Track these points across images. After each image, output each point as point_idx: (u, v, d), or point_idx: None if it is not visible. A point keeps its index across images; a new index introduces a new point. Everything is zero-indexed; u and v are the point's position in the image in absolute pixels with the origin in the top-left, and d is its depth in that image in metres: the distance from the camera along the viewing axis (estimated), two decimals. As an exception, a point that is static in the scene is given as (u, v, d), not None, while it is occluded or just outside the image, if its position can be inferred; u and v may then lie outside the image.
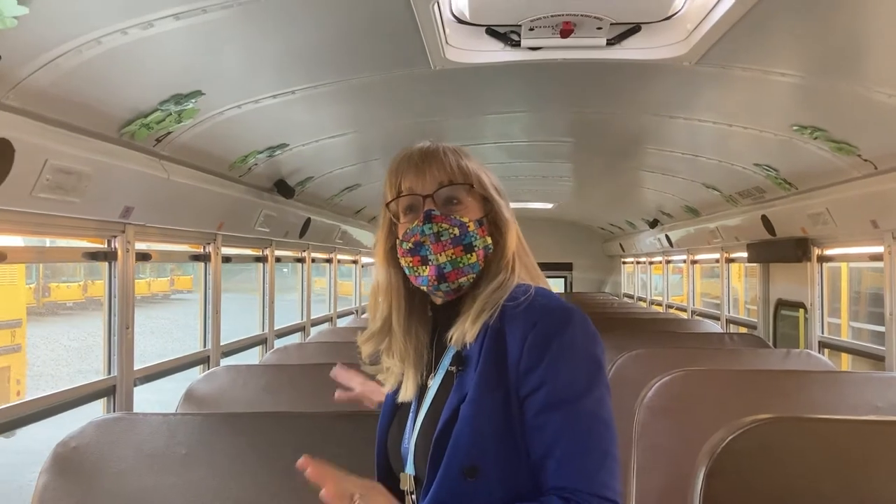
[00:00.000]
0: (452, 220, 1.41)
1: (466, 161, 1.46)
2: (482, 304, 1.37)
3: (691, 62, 2.70)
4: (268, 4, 2.11)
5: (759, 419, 1.80)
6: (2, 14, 1.73)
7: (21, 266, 9.55)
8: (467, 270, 1.41)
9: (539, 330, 1.31)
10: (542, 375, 1.29)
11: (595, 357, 1.34)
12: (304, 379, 3.05)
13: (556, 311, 1.34)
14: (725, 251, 6.53)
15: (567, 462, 1.27)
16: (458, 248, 1.40)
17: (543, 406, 1.29)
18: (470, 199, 1.44)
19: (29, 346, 12.42)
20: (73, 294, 23.74)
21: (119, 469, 2.14)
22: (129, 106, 2.56)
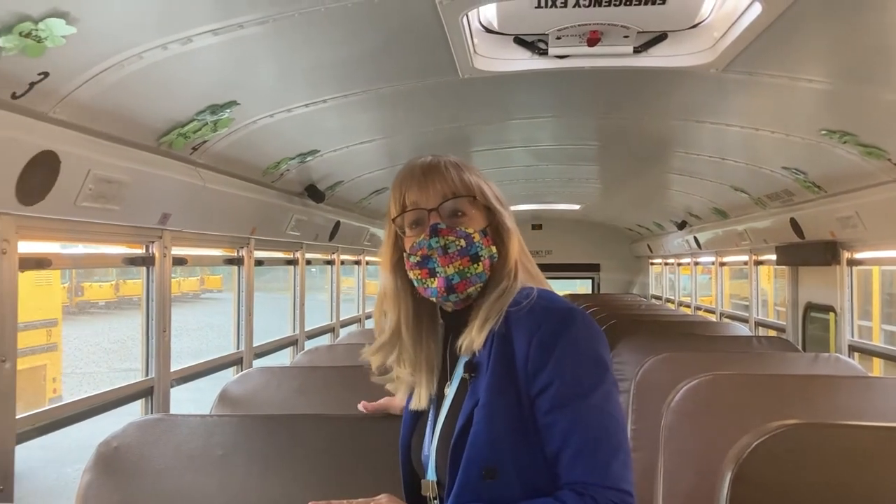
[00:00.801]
0: (458, 231, 1.44)
1: (468, 174, 1.49)
2: (487, 312, 1.41)
3: (718, 69, 2.72)
4: (301, 19, 2.17)
5: (787, 424, 1.80)
6: (52, 33, 1.81)
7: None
8: (475, 280, 1.44)
9: (544, 331, 1.35)
10: (550, 375, 1.33)
11: (599, 354, 1.38)
12: (335, 381, 3.09)
13: (558, 312, 1.38)
14: (754, 253, 6.48)
15: (578, 457, 1.30)
16: (465, 259, 1.43)
17: (553, 404, 1.33)
18: (473, 210, 1.48)
19: (63, 345, 12.63)
20: (106, 293, 24.10)
21: (159, 468, 2.19)
22: (167, 116, 2.63)
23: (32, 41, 1.81)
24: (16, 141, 2.04)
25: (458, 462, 1.35)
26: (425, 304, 1.52)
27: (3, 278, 2.24)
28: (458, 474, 1.35)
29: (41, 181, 2.17)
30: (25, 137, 2.07)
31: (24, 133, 2.06)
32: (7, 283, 2.26)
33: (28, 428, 2.41)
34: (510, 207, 1.56)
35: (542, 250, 11.14)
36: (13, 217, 2.24)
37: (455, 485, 1.35)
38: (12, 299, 2.28)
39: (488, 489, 1.33)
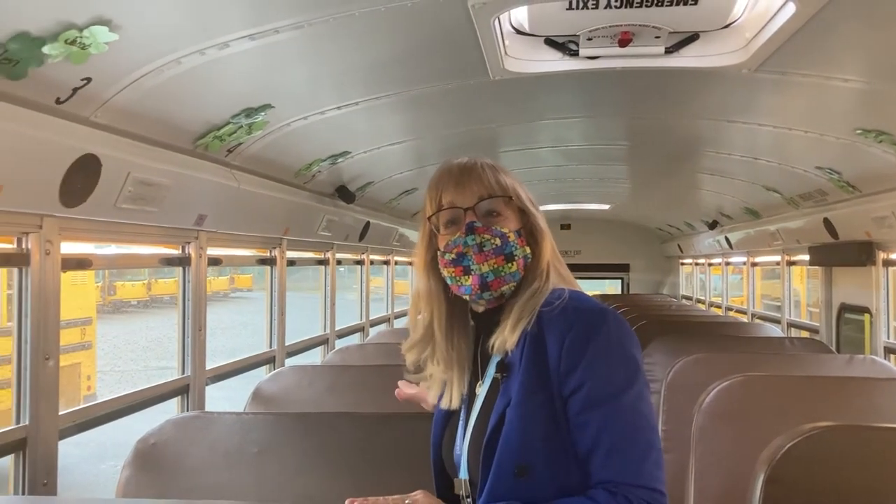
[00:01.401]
0: (494, 230, 1.46)
1: (503, 175, 1.52)
2: (519, 312, 1.43)
3: (750, 69, 2.71)
4: (335, 24, 2.20)
5: (820, 426, 1.79)
6: (96, 40, 1.86)
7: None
8: (509, 279, 1.46)
9: (575, 332, 1.36)
10: (582, 375, 1.34)
11: (631, 354, 1.39)
12: (365, 379, 3.12)
13: (590, 313, 1.39)
14: (786, 254, 6.42)
15: (611, 456, 1.32)
16: (499, 258, 1.45)
17: (585, 405, 1.34)
18: (508, 211, 1.50)
19: (98, 343, 12.83)
20: (138, 292, 24.44)
21: (195, 465, 2.24)
22: (203, 120, 2.68)
23: (77, 48, 1.86)
24: (59, 145, 2.10)
25: (491, 461, 1.37)
26: (458, 303, 1.54)
27: (46, 278, 2.30)
28: (491, 473, 1.36)
29: (83, 184, 2.23)
30: (68, 141, 2.13)
31: (66, 137, 2.12)
32: (51, 282, 2.32)
33: (69, 424, 2.47)
34: (540, 208, 1.58)
35: (571, 250, 11.10)
36: (56, 219, 2.30)
37: (487, 483, 1.37)
38: (55, 299, 2.35)
39: (520, 488, 1.34)
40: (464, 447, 1.49)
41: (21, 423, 2.27)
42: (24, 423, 2.27)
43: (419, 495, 1.42)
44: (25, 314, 2.26)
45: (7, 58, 1.77)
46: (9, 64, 1.79)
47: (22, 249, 2.24)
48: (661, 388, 3.17)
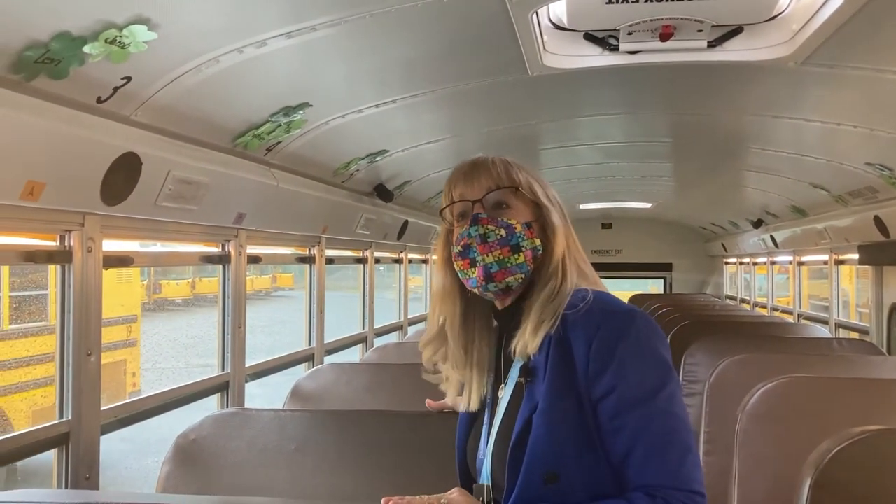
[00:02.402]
0: (499, 221, 1.46)
1: (516, 170, 1.52)
2: (539, 314, 1.40)
3: (797, 62, 2.64)
4: (372, 21, 2.19)
5: (870, 430, 1.74)
6: (135, 39, 1.88)
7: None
8: (514, 270, 1.45)
9: (603, 334, 1.34)
10: (612, 379, 1.32)
11: (661, 355, 1.36)
12: (403, 378, 3.12)
13: (617, 314, 1.37)
14: (834, 252, 6.26)
15: (649, 460, 1.29)
16: (504, 249, 1.44)
17: (618, 409, 1.32)
18: (519, 203, 1.50)
19: (143, 341, 13.07)
20: (182, 291, 24.83)
21: (234, 461, 2.25)
22: (242, 118, 2.70)
23: (117, 47, 1.88)
24: (100, 143, 2.13)
25: (518, 467, 1.35)
26: (479, 303, 1.55)
27: (88, 275, 2.34)
28: (518, 479, 1.34)
29: (124, 182, 2.26)
30: (109, 140, 2.16)
31: (107, 136, 2.15)
32: (92, 280, 2.36)
33: (111, 420, 2.51)
34: (580, 206, 1.57)
35: (612, 249, 10.97)
36: (98, 217, 2.34)
37: (515, 490, 1.35)
38: (97, 296, 2.38)
39: (550, 494, 1.32)
40: (487, 451, 1.47)
41: (64, 419, 2.31)
42: (66, 419, 2.31)
43: (455, 494, 1.40)
44: (68, 311, 2.30)
45: (49, 57, 1.80)
46: (51, 64, 1.82)
47: (65, 247, 2.28)
48: (704, 390, 3.11)
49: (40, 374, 8.01)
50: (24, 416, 7.82)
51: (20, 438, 2.18)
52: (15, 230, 2.12)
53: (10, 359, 7.84)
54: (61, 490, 2.25)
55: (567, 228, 1.53)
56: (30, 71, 1.81)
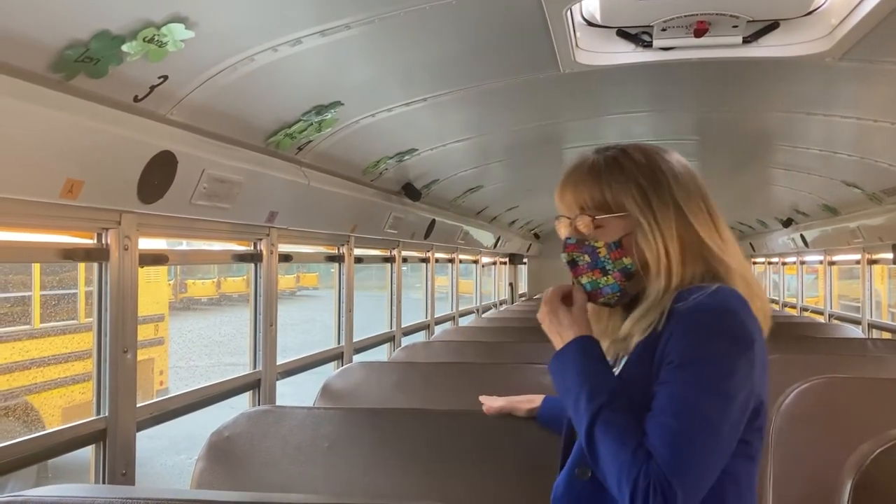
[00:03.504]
0: (584, 247, 1.46)
1: (608, 179, 1.46)
2: (632, 324, 1.41)
3: (834, 58, 2.59)
4: (406, 18, 2.19)
5: (913, 432, 1.72)
6: (173, 38, 1.89)
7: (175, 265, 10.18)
8: (607, 291, 1.46)
9: (686, 325, 1.33)
10: (668, 374, 1.32)
11: (711, 354, 1.32)
12: (432, 376, 3.12)
13: (708, 310, 1.34)
14: (867, 252, 6.17)
15: (654, 424, 1.29)
16: (595, 272, 1.46)
17: (664, 377, 1.32)
18: (610, 219, 1.46)
19: (170, 340, 13.19)
20: (208, 290, 25.04)
21: (267, 459, 2.26)
22: (275, 117, 2.71)
23: (155, 46, 1.89)
24: (137, 142, 2.14)
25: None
26: None
27: (125, 273, 2.36)
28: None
29: (160, 180, 2.28)
30: (146, 138, 2.17)
31: (144, 134, 2.17)
32: (129, 277, 2.38)
33: (146, 417, 2.53)
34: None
35: (638, 248, 10.87)
36: (134, 215, 2.35)
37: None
38: (133, 293, 2.40)
39: None
40: None
41: (101, 415, 2.33)
42: (103, 415, 2.33)
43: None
44: (105, 308, 2.32)
45: (89, 56, 1.81)
46: (90, 63, 1.84)
47: (102, 245, 2.29)
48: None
49: (68, 373, 8.12)
50: (52, 413, 7.93)
51: (60, 434, 2.21)
52: (54, 228, 2.15)
53: (39, 357, 7.95)
54: (100, 485, 2.27)
55: (672, 224, 1.44)
56: (70, 70, 1.83)
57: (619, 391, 1.36)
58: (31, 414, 7.81)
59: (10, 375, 7.73)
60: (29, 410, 7.78)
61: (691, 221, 1.46)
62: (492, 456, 2.07)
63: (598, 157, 1.50)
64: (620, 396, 1.35)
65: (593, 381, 1.37)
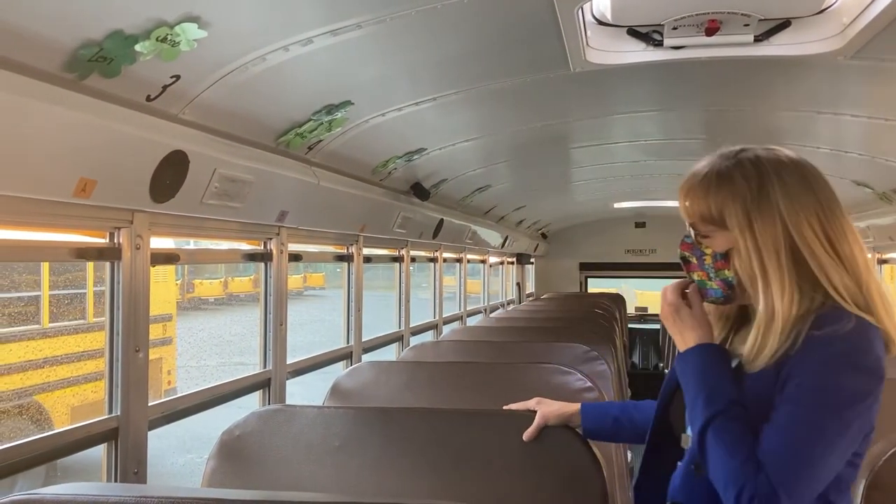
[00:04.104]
0: (695, 249, 1.55)
1: (717, 196, 1.50)
2: (754, 338, 1.44)
3: (846, 56, 2.58)
4: (417, 17, 2.19)
5: (923, 431, 1.71)
6: (186, 37, 1.90)
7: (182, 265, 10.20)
8: (711, 293, 1.54)
9: (824, 356, 1.37)
10: (802, 381, 1.37)
11: (843, 382, 1.36)
12: (441, 376, 3.12)
13: (848, 343, 1.37)
14: (878, 252, 6.15)
15: (771, 440, 1.36)
16: (702, 273, 1.54)
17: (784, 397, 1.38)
18: (718, 232, 1.51)
19: (178, 339, 13.22)
20: (215, 290, 25.10)
21: (278, 457, 2.26)
22: (285, 117, 2.72)
23: (168, 45, 1.90)
24: (150, 141, 2.15)
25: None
26: None
27: (137, 272, 2.37)
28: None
29: (172, 180, 2.28)
30: (158, 138, 2.18)
31: (156, 134, 2.17)
32: (141, 276, 2.39)
33: (158, 416, 2.54)
34: (614, 205, 1.61)
35: (646, 249, 10.84)
36: (146, 214, 2.36)
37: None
38: (145, 292, 2.41)
39: None
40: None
41: (113, 414, 2.34)
42: (115, 414, 2.34)
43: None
44: (117, 307, 2.33)
45: (102, 56, 1.82)
46: (104, 62, 1.84)
47: (114, 244, 2.30)
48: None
49: (77, 372, 8.15)
50: (63, 412, 7.96)
51: (72, 433, 2.21)
52: (67, 227, 2.16)
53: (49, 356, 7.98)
54: (113, 484, 2.27)
55: (778, 245, 1.45)
56: (83, 69, 1.83)
57: (736, 401, 1.41)
58: (41, 413, 7.84)
59: (22, 375, 7.76)
60: (38, 410, 7.81)
61: (800, 243, 1.45)
62: (501, 455, 2.07)
63: (712, 168, 1.54)
64: (737, 406, 1.41)
65: (712, 387, 1.44)
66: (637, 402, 2.00)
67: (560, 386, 2.81)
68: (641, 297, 13.05)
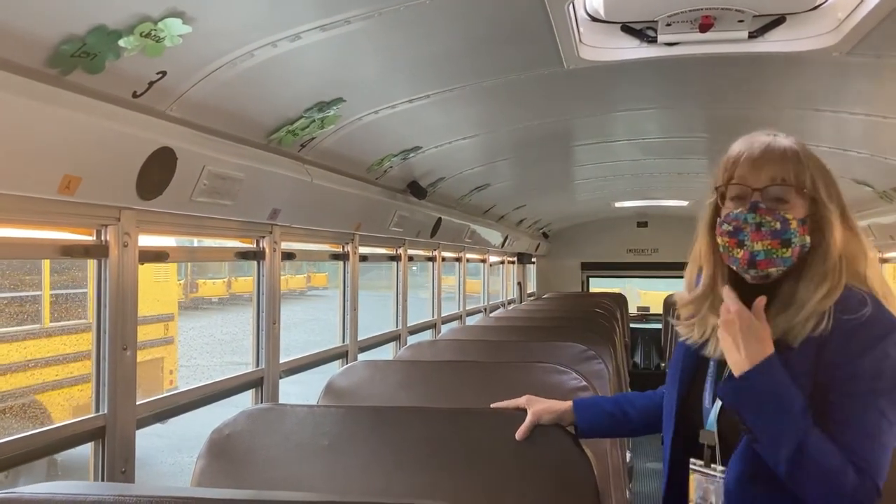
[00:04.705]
0: (776, 215, 1.52)
1: (805, 163, 1.55)
2: (810, 311, 1.48)
3: (842, 52, 2.56)
4: (406, 13, 2.17)
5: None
6: (171, 33, 1.88)
7: (173, 264, 10.21)
8: (779, 263, 1.52)
9: (869, 340, 1.45)
10: (844, 372, 1.44)
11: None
12: (436, 375, 3.10)
13: (887, 325, 1.47)
14: (879, 251, 6.11)
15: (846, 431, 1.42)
16: (775, 241, 1.51)
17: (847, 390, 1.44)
18: (798, 199, 1.54)
19: (180, 339, 13.23)
20: (218, 290, 25.12)
21: (268, 457, 2.25)
22: (276, 114, 2.70)
23: (152, 41, 1.88)
24: (136, 138, 2.13)
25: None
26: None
27: (125, 270, 2.35)
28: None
29: (159, 177, 2.27)
30: (145, 134, 2.16)
31: (143, 130, 2.16)
32: (129, 274, 2.37)
33: (147, 414, 2.52)
34: (615, 204, 1.62)
35: (648, 248, 10.79)
36: (134, 211, 2.35)
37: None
38: (133, 290, 2.40)
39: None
40: (716, 404, 1.59)
41: (100, 412, 2.32)
42: (102, 412, 2.32)
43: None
44: (104, 305, 2.31)
45: (85, 51, 1.81)
46: (87, 58, 1.83)
47: (101, 241, 2.29)
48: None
49: (78, 372, 8.15)
50: (63, 411, 7.96)
51: (58, 431, 2.20)
52: (52, 224, 2.14)
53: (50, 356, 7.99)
54: (98, 483, 2.26)
55: (848, 228, 1.57)
56: (66, 65, 1.82)
57: (807, 407, 1.45)
58: (41, 411, 7.84)
59: (22, 374, 7.77)
60: (37, 408, 7.81)
61: (852, 224, 1.59)
62: (491, 454, 2.05)
63: (792, 142, 1.58)
64: (809, 414, 1.44)
65: (798, 402, 1.44)
66: (627, 396, 2.01)
67: (555, 385, 2.79)
68: (645, 297, 13.03)
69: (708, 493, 1.59)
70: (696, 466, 1.62)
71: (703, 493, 1.60)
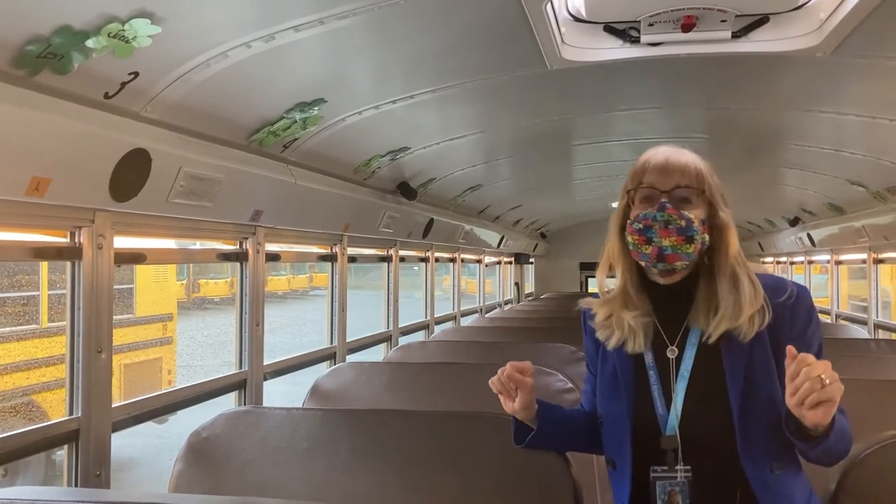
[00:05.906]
0: (682, 214, 1.66)
1: (704, 170, 1.72)
2: (749, 308, 1.64)
3: (825, 53, 2.54)
4: (382, 13, 2.15)
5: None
6: (137, 34, 1.86)
7: (172, 264, 10.18)
8: (684, 257, 1.66)
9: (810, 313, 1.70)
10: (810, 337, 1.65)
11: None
12: (424, 377, 3.09)
13: (806, 298, 1.70)
14: (874, 251, 6.08)
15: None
16: (680, 238, 1.65)
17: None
18: (699, 201, 1.69)
19: (179, 339, 13.21)
20: (220, 290, 25.12)
21: (245, 460, 2.23)
22: (256, 115, 2.68)
23: (120, 42, 1.86)
24: (108, 139, 2.12)
25: (751, 422, 1.62)
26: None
27: (100, 272, 2.34)
28: (748, 443, 1.62)
29: (134, 178, 2.25)
30: (116, 135, 2.14)
31: (116, 131, 2.14)
32: (104, 276, 2.36)
33: (124, 417, 2.50)
34: (612, 204, 1.69)
35: (644, 248, 10.76)
36: (109, 213, 2.33)
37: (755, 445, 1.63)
38: (108, 292, 2.38)
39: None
40: (675, 407, 1.68)
41: (74, 415, 2.31)
42: (76, 416, 2.31)
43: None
44: (78, 307, 2.30)
45: (52, 52, 1.79)
46: (54, 59, 1.81)
47: (74, 243, 2.27)
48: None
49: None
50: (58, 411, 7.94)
51: (29, 435, 2.18)
52: (23, 226, 2.13)
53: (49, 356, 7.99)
54: (71, 488, 2.25)
55: (734, 226, 1.75)
56: (32, 66, 1.80)
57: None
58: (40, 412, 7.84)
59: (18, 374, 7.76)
60: (33, 409, 7.81)
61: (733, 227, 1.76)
62: (472, 458, 2.03)
63: (694, 156, 1.75)
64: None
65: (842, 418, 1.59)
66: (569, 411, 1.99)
67: (541, 387, 2.75)
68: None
69: (674, 496, 1.67)
70: (659, 472, 1.68)
71: (669, 497, 1.66)
